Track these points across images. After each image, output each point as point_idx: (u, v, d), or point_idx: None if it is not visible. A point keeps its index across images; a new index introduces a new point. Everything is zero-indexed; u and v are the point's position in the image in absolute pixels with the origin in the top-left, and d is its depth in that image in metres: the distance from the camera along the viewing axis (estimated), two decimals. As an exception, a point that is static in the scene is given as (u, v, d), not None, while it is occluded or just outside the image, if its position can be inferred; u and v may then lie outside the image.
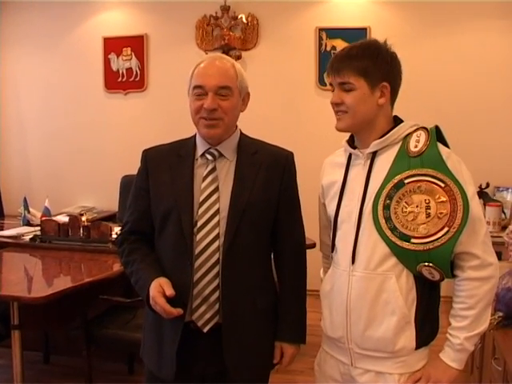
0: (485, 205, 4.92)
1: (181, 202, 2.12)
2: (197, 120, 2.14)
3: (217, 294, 2.10)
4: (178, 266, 2.11)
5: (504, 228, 4.48)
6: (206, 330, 2.12)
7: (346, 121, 2.02)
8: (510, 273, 2.81)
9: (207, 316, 2.11)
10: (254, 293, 2.17)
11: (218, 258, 2.09)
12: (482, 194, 5.12)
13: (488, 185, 5.15)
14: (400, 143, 2.01)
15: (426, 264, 1.90)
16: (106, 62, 6.58)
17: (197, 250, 2.09)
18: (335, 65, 2.00)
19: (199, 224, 2.09)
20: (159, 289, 2.02)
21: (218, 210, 2.10)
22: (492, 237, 4.23)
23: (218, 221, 2.10)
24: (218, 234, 2.09)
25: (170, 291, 2.01)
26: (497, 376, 2.64)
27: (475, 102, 5.71)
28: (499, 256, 3.68)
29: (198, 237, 2.09)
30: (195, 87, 2.11)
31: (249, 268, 2.14)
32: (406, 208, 1.92)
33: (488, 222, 4.65)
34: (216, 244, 2.09)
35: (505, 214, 4.86)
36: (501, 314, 2.62)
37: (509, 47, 5.56)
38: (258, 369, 2.27)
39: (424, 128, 2.01)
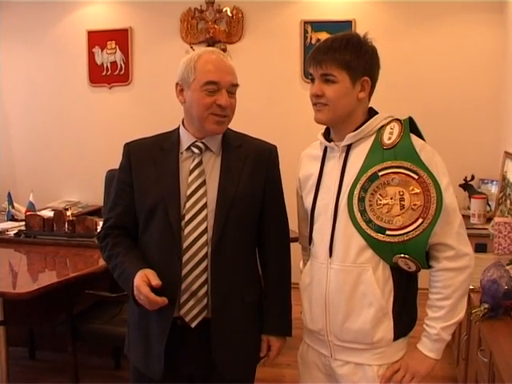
0: (470, 197, 4.94)
1: (167, 195, 2.10)
2: (206, 116, 2.09)
3: (205, 289, 2.09)
4: (165, 260, 2.09)
5: (489, 220, 4.50)
6: (193, 325, 2.11)
7: (325, 114, 2.01)
8: (495, 265, 2.82)
9: (195, 311, 2.10)
10: (242, 287, 2.16)
11: (206, 252, 2.08)
12: (467, 186, 5.15)
13: (473, 177, 5.17)
14: (374, 135, 2.01)
15: (402, 255, 1.92)
16: (90, 56, 6.54)
17: (185, 245, 2.08)
18: (318, 56, 1.99)
19: (187, 218, 2.08)
20: (144, 278, 1.99)
21: (206, 203, 2.09)
22: (477, 229, 4.31)
23: (206, 214, 2.09)
24: (206, 227, 2.08)
25: (156, 281, 1.98)
26: (483, 367, 2.65)
27: (461, 95, 5.73)
28: (484, 248, 3.73)
29: (186, 231, 2.08)
30: (208, 83, 2.06)
31: (236, 262, 2.14)
32: (381, 200, 1.93)
33: (473, 215, 4.67)
34: (204, 238, 2.08)
35: (490, 206, 4.87)
36: (486, 305, 2.63)
37: (494, 41, 5.58)
38: (246, 363, 2.27)
39: (398, 120, 2.02)
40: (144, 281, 1.98)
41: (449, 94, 5.75)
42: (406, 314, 2.04)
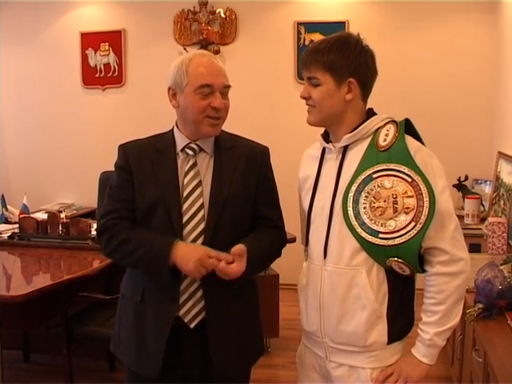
0: (464, 197, 4.95)
1: (167, 196, 2.11)
2: (201, 119, 2.10)
3: (203, 289, 2.10)
4: None
5: (483, 220, 4.52)
6: (192, 325, 2.11)
7: (314, 115, 2.04)
8: (489, 265, 2.83)
9: (194, 311, 2.11)
10: (238, 286, 2.14)
11: None
12: (460, 186, 5.16)
13: (467, 177, 5.18)
14: (371, 137, 2.01)
15: (395, 259, 1.90)
16: (84, 58, 6.53)
17: None
18: (304, 59, 2.03)
19: (185, 219, 2.10)
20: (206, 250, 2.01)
21: (203, 204, 2.11)
22: (471, 229, 4.32)
23: (203, 215, 2.10)
24: (204, 228, 2.10)
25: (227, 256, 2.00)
26: (477, 367, 2.65)
27: (454, 96, 5.74)
28: (478, 248, 3.73)
29: (185, 231, 2.10)
30: (202, 86, 2.07)
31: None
32: (375, 203, 1.92)
33: (467, 215, 4.68)
34: (202, 238, 2.09)
35: (483, 206, 4.88)
36: (481, 305, 2.63)
37: (487, 41, 5.59)
38: (243, 362, 2.28)
39: (394, 121, 2.01)
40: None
41: (442, 94, 5.76)
42: (401, 317, 2.02)
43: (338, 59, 1.95)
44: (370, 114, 2.06)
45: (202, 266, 1.98)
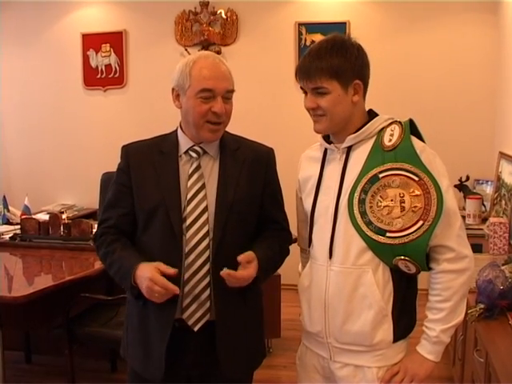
0: (465, 198, 4.94)
1: (168, 199, 2.10)
2: (202, 123, 2.09)
3: (208, 292, 2.09)
4: (167, 264, 2.06)
5: (484, 220, 4.51)
6: (196, 328, 2.10)
7: (324, 123, 2.01)
8: (490, 265, 2.83)
9: (198, 314, 2.10)
10: (244, 289, 2.12)
11: (209, 256, 2.08)
12: (462, 186, 5.15)
13: (468, 178, 5.17)
14: (375, 137, 2.01)
15: (402, 257, 1.91)
16: (85, 59, 6.53)
17: (187, 248, 2.07)
18: (304, 69, 2.00)
19: (188, 222, 2.08)
20: (157, 270, 1.97)
21: (207, 207, 2.09)
22: (472, 229, 4.31)
23: (207, 218, 2.09)
24: (208, 231, 2.08)
25: (172, 270, 1.98)
26: (479, 368, 2.65)
27: (455, 96, 5.73)
28: (480, 248, 3.73)
29: (188, 235, 2.08)
30: (203, 90, 2.05)
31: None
32: (381, 202, 1.93)
33: (468, 215, 4.67)
34: (206, 241, 2.08)
35: (485, 206, 4.88)
36: (482, 305, 2.63)
37: (488, 41, 5.59)
38: (249, 363, 2.28)
39: (398, 122, 2.02)
40: (157, 272, 1.97)
41: (443, 94, 5.75)
42: (405, 316, 2.03)
43: (341, 64, 1.95)
44: (372, 114, 2.07)
45: (153, 292, 1.97)
